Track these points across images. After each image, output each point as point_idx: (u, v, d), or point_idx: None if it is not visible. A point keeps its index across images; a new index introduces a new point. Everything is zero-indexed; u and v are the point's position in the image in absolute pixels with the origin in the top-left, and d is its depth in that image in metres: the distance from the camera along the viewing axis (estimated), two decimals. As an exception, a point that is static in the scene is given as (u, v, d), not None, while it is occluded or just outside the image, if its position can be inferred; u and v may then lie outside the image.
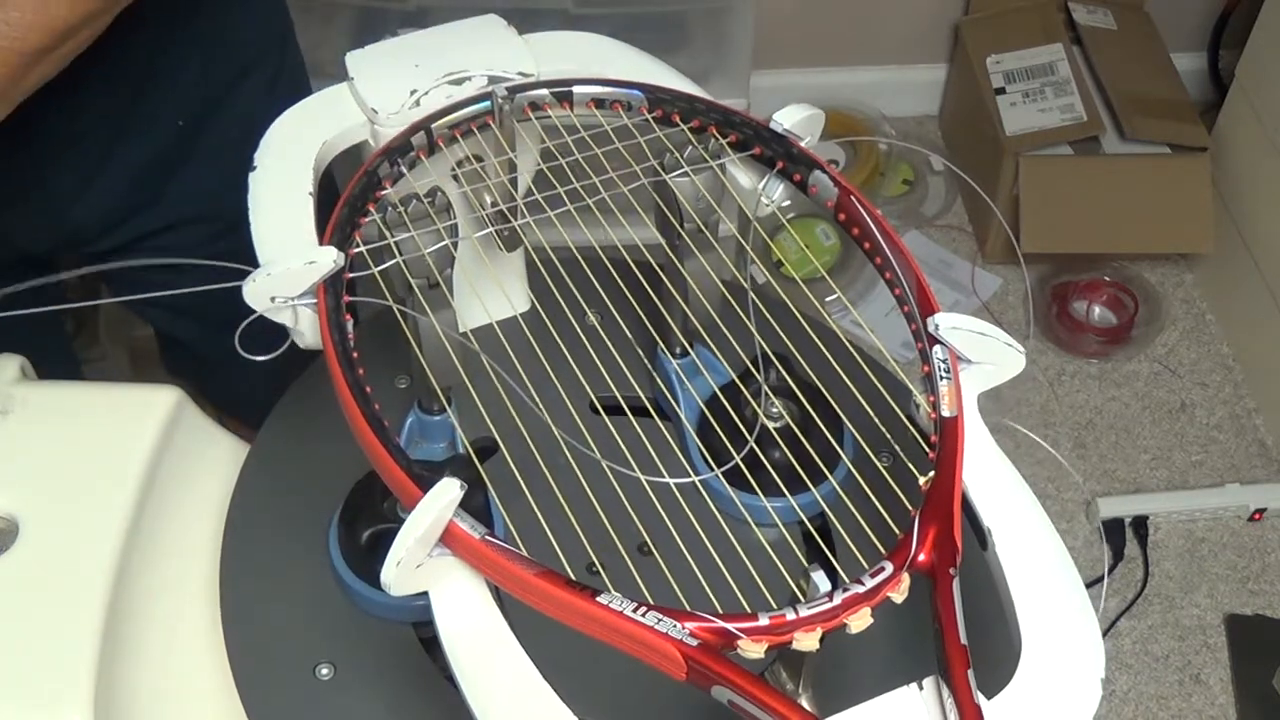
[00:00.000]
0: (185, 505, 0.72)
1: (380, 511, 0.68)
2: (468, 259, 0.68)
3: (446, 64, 0.71)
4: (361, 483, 0.69)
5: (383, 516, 0.68)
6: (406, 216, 0.63)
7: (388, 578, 0.50)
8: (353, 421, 0.54)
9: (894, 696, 0.49)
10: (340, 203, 0.62)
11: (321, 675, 0.65)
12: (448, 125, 0.67)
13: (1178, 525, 1.75)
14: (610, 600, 0.48)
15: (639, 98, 0.69)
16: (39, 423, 0.71)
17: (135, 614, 0.67)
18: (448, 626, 0.51)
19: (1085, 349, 1.91)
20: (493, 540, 0.50)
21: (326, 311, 0.58)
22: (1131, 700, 1.59)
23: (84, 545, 0.66)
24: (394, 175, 0.65)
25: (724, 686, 0.46)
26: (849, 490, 0.59)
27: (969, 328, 0.58)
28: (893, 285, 0.62)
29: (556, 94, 0.69)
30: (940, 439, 0.55)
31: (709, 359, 0.75)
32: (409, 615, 0.67)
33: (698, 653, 0.46)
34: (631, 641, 0.47)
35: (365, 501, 0.69)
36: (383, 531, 0.67)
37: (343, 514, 0.69)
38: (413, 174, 0.65)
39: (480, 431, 0.67)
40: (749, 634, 0.47)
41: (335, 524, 0.69)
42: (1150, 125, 1.91)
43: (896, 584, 0.49)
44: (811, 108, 0.68)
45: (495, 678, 0.50)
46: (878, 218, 0.64)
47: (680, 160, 0.67)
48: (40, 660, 0.62)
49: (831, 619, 0.48)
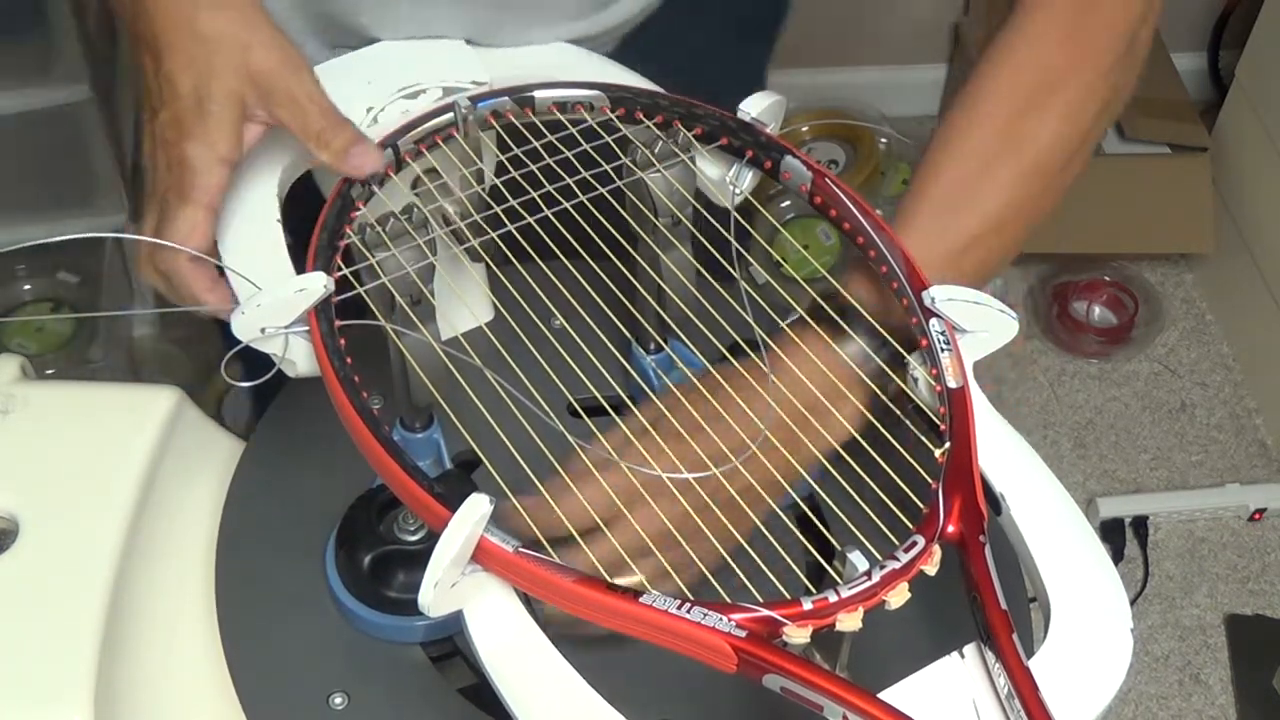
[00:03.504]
0: (185, 505, 0.72)
1: (378, 534, 0.67)
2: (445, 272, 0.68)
3: (399, 78, 0.71)
4: (354, 507, 0.68)
5: (381, 539, 0.67)
6: (385, 235, 0.63)
7: (425, 601, 0.49)
8: (366, 447, 0.54)
9: (939, 666, 0.49)
10: (317, 228, 0.62)
11: (335, 705, 0.64)
12: (413, 140, 0.67)
13: (1178, 525, 1.75)
14: (654, 600, 0.48)
15: (600, 97, 0.69)
16: (39, 423, 0.71)
17: (135, 614, 0.67)
18: (486, 643, 0.50)
19: (1085, 349, 1.91)
20: (527, 552, 0.49)
21: (322, 338, 0.57)
22: (1131, 700, 1.59)
23: (84, 545, 0.66)
24: (365, 195, 0.64)
25: (776, 674, 0.46)
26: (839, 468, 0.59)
27: (963, 298, 0.59)
28: (878, 263, 0.63)
29: (518, 100, 0.69)
30: (949, 410, 0.55)
31: (684, 352, 0.75)
32: (416, 636, 0.66)
33: (747, 644, 0.46)
34: (679, 639, 0.47)
35: (362, 525, 0.67)
36: (382, 555, 0.66)
37: (339, 539, 0.68)
38: (383, 191, 0.65)
39: (461, 445, 0.67)
40: (794, 619, 0.47)
41: (332, 550, 0.67)
42: (1150, 125, 1.91)
43: (929, 557, 0.50)
44: (774, 94, 0.68)
45: (541, 689, 0.49)
46: (854, 197, 0.64)
47: (651, 157, 0.67)
48: (40, 660, 0.62)
49: (872, 597, 0.48)
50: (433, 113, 0.68)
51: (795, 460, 0.59)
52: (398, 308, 0.63)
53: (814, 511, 0.59)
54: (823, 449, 0.60)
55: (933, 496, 0.52)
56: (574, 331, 0.65)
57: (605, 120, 0.69)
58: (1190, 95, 1.98)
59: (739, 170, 0.69)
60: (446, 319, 0.68)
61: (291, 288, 0.58)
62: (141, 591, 0.67)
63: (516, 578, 0.50)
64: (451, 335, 0.67)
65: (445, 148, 0.68)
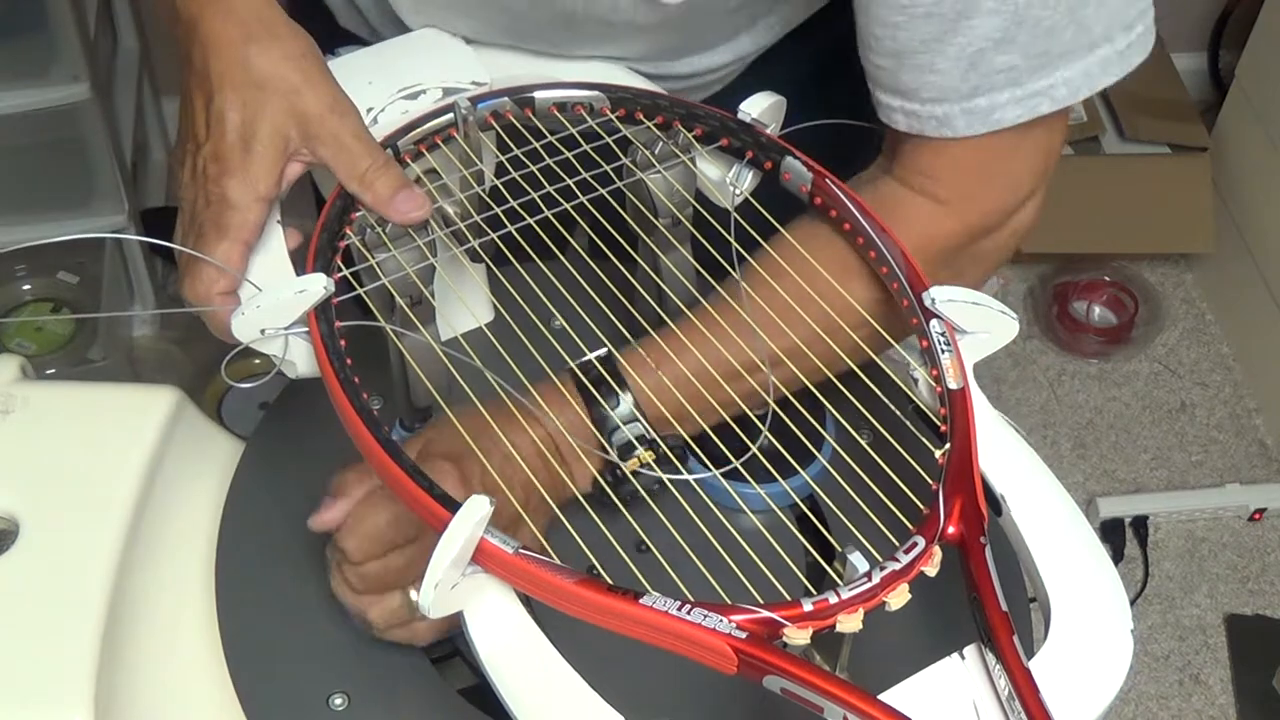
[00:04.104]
0: (185, 505, 0.72)
1: None
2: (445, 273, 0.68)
3: (399, 79, 0.71)
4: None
5: None
6: (385, 236, 0.63)
7: (425, 602, 0.49)
8: (366, 448, 0.54)
9: (940, 667, 0.49)
10: (317, 229, 0.62)
11: (335, 706, 0.64)
12: (413, 141, 0.67)
13: (1178, 525, 1.74)
14: (654, 601, 0.48)
15: (600, 98, 0.69)
16: (39, 423, 0.71)
17: (135, 614, 0.67)
18: (486, 644, 0.51)
19: (1085, 349, 1.91)
20: (527, 553, 0.49)
21: (322, 339, 0.57)
22: (1132, 700, 1.59)
23: (84, 545, 0.66)
24: None
25: (777, 675, 0.46)
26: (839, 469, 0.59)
27: (963, 299, 0.59)
28: (878, 264, 0.62)
29: (518, 100, 0.69)
30: (950, 411, 0.56)
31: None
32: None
33: (747, 645, 0.46)
34: (679, 641, 0.47)
35: None
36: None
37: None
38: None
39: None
40: (794, 621, 0.47)
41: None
42: (1150, 125, 1.91)
43: (930, 558, 0.50)
44: (775, 95, 0.68)
45: (541, 690, 0.49)
46: (854, 197, 0.64)
47: (651, 158, 0.67)
48: (40, 660, 0.62)
49: (872, 598, 0.48)
50: (433, 113, 0.68)
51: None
52: (397, 308, 0.63)
53: (814, 512, 0.59)
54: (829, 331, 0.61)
55: (933, 497, 0.52)
56: (574, 331, 0.65)
57: (605, 121, 0.69)
58: (1190, 95, 1.98)
59: (739, 171, 0.69)
60: (446, 320, 0.68)
61: (291, 289, 0.58)
62: (141, 591, 0.67)
63: (516, 579, 0.50)
64: (451, 336, 0.67)
65: (445, 148, 0.68)
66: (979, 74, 0.63)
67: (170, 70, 1.83)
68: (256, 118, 0.62)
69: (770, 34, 0.79)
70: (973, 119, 0.65)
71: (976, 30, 0.62)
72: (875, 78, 0.67)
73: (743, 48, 0.79)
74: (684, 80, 0.80)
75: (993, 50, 0.62)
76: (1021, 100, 0.64)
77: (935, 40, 0.63)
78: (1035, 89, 0.64)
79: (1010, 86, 0.64)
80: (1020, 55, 0.63)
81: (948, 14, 0.62)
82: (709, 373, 0.63)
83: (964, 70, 0.63)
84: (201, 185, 0.62)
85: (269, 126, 0.62)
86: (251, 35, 0.62)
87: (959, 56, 0.63)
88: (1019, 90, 0.64)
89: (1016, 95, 0.64)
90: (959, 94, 0.64)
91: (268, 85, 0.62)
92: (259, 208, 0.62)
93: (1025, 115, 0.64)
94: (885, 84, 0.67)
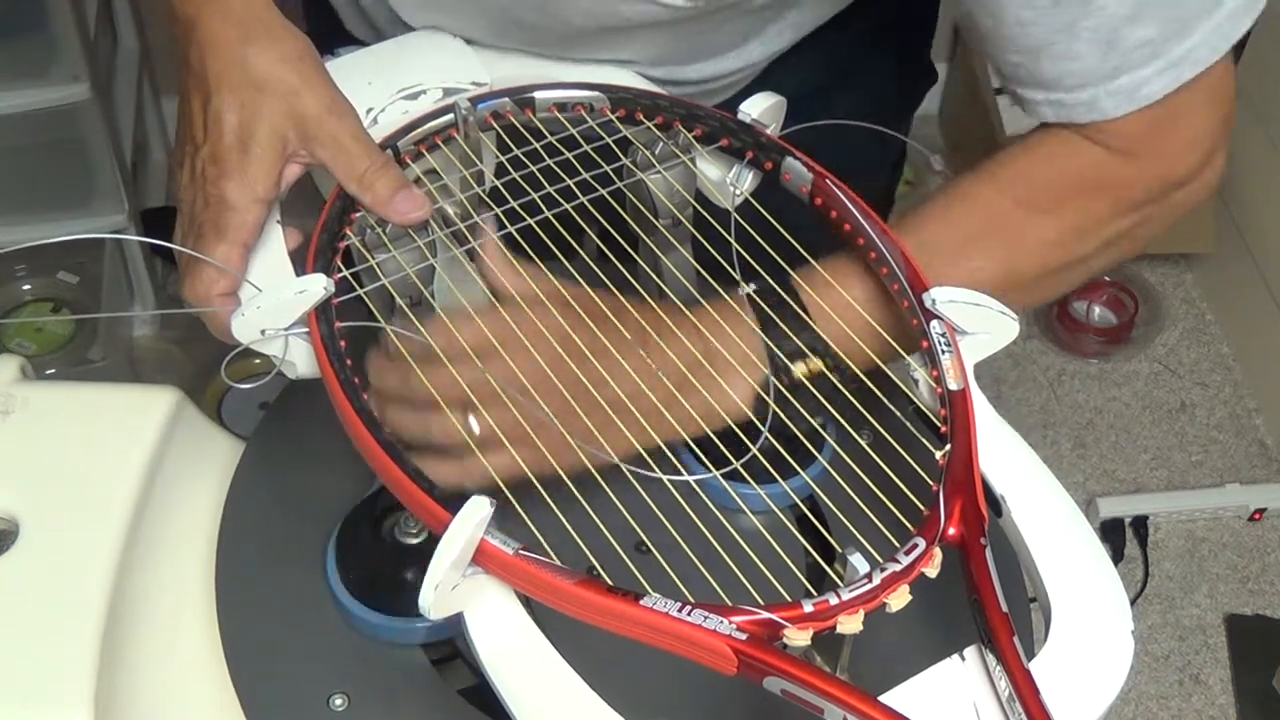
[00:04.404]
0: (185, 505, 0.72)
1: (379, 535, 0.67)
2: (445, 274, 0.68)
3: (399, 79, 0.71)
4: (356, 510, 0.68)
5: (382, 540, 0.67)
6: (385, 236, 0.63)
7: (426, 603, 0.49)
8: (366, 449, 0.54)
9: (940, 669, 0.49)
10: (317, 229, 0.62)
11: (335, 707, 0.64)
12: (413, 141, 0.67)
13: (1178, 525, 1.75)
14: (654, 603, 0.48)
15: (600, 99, 0.69)
16: (39, 423, 0.71)
17: (135, 614, 0.67)
18: (486, 644, 0.50)
19: (1085, 349, 1.91)
20: (527, 554, 0.49)
21: (322, 340, 0.57)
22: (1132, 700, 1.59)
23: (84, 545, 0.66)
24: None
25: (777, 677, 0.46)
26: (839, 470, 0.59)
27: (964, 299, 0.59)
28: (878, 265, 0.62)
29: (518, 101, 0.69)
30: (950, 412, 0.55)
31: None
32: (416, 637, 0.66)
33: (748, 646, 0.46)
34: (679, 642, 0.47)
35: (363, 527, 0.67)
36: (383, 556, 0.66)
37: (340, 541, 0.67)
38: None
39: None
40: (795, 622, 0.47)
41: (332, 550, 0.67)
42: (1150, 125, 1.91)
43: (930, 559, 0.50)
44: (775, 95, 0.68)
45: (541, 691, 0.49)
46: (855, 199, 0.64)
47: (651, 158, 0.67)
48: (40, 660, 0.62)
49: (872, 599, 0.48)
50: (433, 113, 0.68)
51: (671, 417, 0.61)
52: (397, 309, 0.63)
53: (814, 513, 0.59)
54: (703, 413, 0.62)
55: (934, 498, 0.52)
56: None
57: (605, 121, 0.69)
58: (1190, 95, 1.98)
59: (739, 171, 0.69)
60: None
61: (291, 289, 0.58)
62: (141, 591, 0.67)
63: (516, 580, 0.50)
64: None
65: (445, 149, 0.68)
66: (1119, 54, 0.63)
67: (170, 70, 1.82)
68: (254, 119, 0.61)
69: (780, 41, 0.79)
70: (1119, 99, 0.65)
71: (1106, 10, 0.62)
72: (1014, 75, 0.67)
73: (752, 55, 0.79)
74: (693, 86, 0.80)
75: (1127, 27, 0.63)
76: (1165, 71, 0.64)
77: (1068, 28, 0.63)
78: (1175, 56, 0.64)
79: (1151, 60, 0.64)
80: (1154, 26, 0.63)
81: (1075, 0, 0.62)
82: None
83: (1103, 52, 0.63)
84: (200, 186, 0.62)
85: (267, 128, 0.61)
86: (249, 36, 0.62)
87: (1094, 40, 0.63)
88: (1160, 61, 0.64)
89: (1159, 67, 0.64)
90: (1101, 76, 0.64)
91: (265, 86, 0.62)
92: (257, 209, 0.62)
93: (1171, 85, 0.65)
94: (1026, 79, 0.67)
